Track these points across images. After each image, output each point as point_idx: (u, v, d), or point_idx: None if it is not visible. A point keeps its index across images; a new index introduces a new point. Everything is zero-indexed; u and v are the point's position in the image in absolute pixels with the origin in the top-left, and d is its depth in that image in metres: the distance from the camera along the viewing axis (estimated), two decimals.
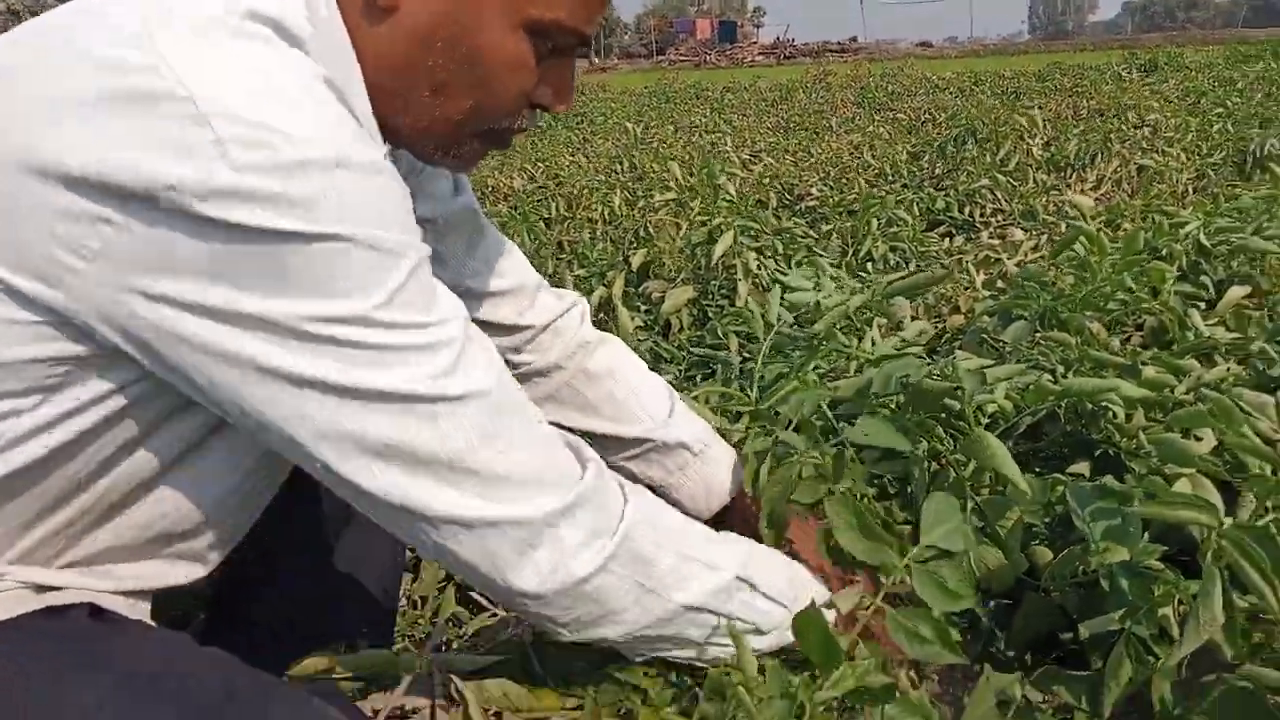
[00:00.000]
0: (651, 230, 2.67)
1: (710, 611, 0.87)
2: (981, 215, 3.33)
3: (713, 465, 1.23)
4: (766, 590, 0.92)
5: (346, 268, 0.67)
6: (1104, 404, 1.29)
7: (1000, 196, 3.30)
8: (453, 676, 0.90)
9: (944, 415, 1.29)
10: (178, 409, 0.76)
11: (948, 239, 3.21)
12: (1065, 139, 4.21)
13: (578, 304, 1.25)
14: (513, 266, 1.17)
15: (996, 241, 2.89)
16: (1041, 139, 4.37)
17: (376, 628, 1.15)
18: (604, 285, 2.29)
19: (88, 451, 0.74)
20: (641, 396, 1.22)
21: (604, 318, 2.27)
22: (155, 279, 0.65)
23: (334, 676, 0.96)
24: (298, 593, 1.13)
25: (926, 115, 6.47)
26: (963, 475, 1.20)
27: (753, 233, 2.15)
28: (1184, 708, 0.96)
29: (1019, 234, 2.84)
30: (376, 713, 0.93)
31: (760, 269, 2.08)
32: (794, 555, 1.07)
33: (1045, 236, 2.76)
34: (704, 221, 2.33)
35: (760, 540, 1.07)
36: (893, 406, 1.28)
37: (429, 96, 0.81)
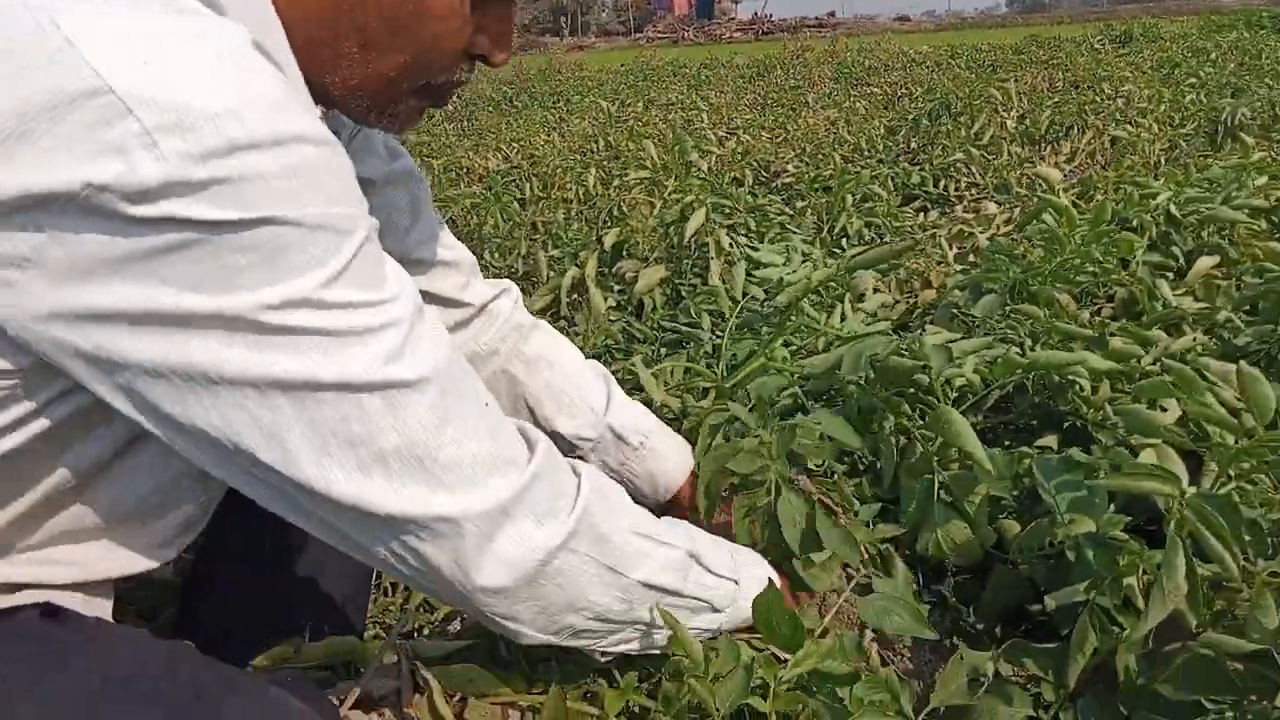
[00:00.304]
0: (625, 209, 2.66)
1: (667, 590, 0.86)
2: (956, 189, 3.33)
3: (657, 458, 1.22)
4: (713, 567, 0.92)
5: (288, 250, 0.63)
6: (1071, 377, 1.30)
7: (974, 171, 3.30)
8: (419, 663, 0.89)
9: (912, 391, 1.29)
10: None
11: (923, 213, 3.21)
12: (1039, 112, 4.21)
13: (510, 289, 1.23)
14: (453, 240, 1.15)
15: (970, 216, 2.89)
16: (1016, 112, 4.37)
17: (348, 615, 1.14)
18: (577, 266, 2.27)
19: (38, 452, 0.71)
20: (581, 387, 1.21)
21: (577, 298, 2.26)
22: (87, 288, 0.61)
23: (301, 665, 0.96)
24: (268, 581, 1.12)
25: (903, 90, 6.46)
26: (930, 451, 1.20)
27: (726, 210, 2.14)
28: (1148, 677, 0.97)
29: (993, 208, 2.84)
30: (343, 700, 0.93)
31: (733, 247, 2.07)
32: (727, 533, 1.07)
33: (1019, 210, 2.76)
34: (678, 199, 2.32)
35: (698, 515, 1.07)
36: (860, 384, 1.28)
37: (358, 53, 0.77)
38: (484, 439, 0.74)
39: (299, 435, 0.67)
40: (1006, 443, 1.44)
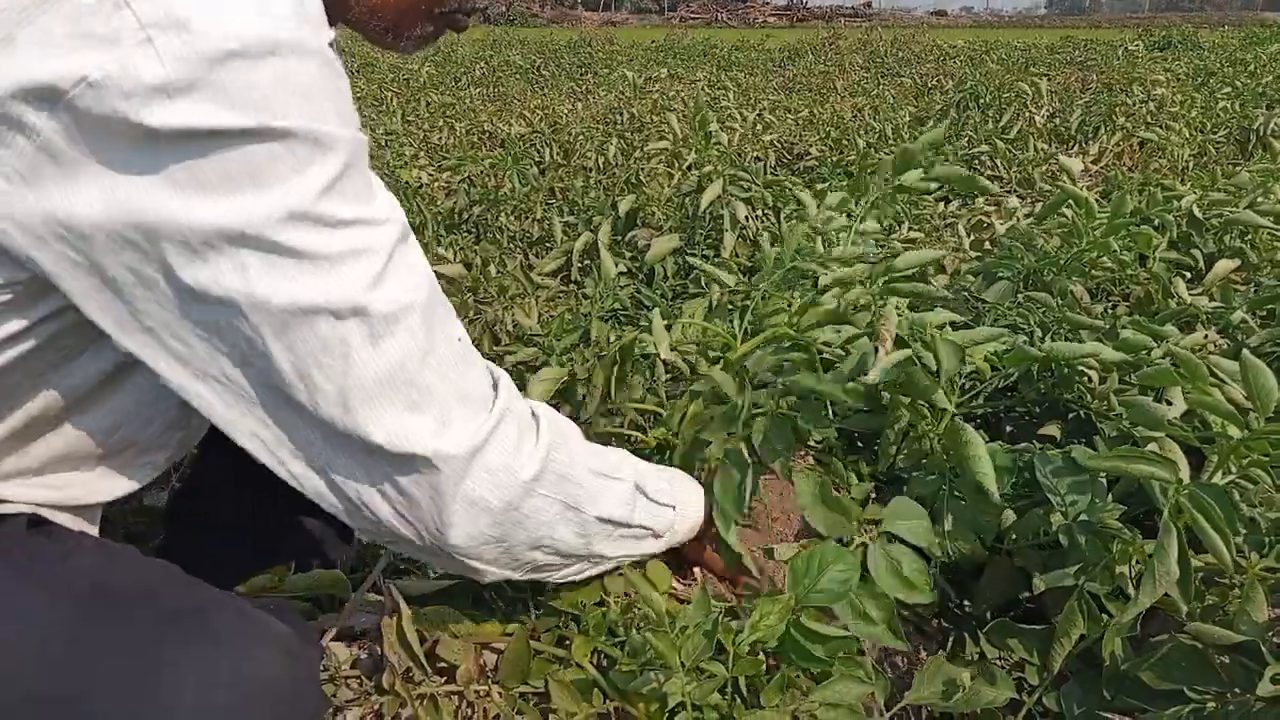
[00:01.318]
0: (643, 178, 2.64)
1: (618, 523, 0.88)
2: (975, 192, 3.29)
3: None
4: (655, 495, 0.93)
5: (275, 160, 0.63)
6: (1081, 367, 1.28)
7: (999, 164, 3.26)
8: (400, 600, 0.89)
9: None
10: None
11: (943, 203, 3.18)
12: (1069, 111, 4.16)
13: None
14: None
15: (992, 209, 2.86)
16: (1046, 110, 4.32)
17: (332, 551, 1.15)
18: (590, 231, 2.26)
19: (23, 370, 0.71)
20: None
21: (588, 263, 2.25)
22: (76, 187, 0.61)
23: (286, 595, 0.96)
24: (255, 511, 1.12)
25: (934, 82, 6.39)
26: (941, 460, 1.18)
27: (743, 184, 2.12)
28: (1132, 664, 0.97)
29: (1014, 201, 2.81)
30: (325, 632, 0.93)
31: (748, 220, 2.05)
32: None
33: (1041, 205, 2.73)
34: (696, 170, 2.30)
35: None
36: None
37: None
38: (459, 374, 0.74)
39: (280, 357, 0.67)
40: (1009, 429, 1.43)
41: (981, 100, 4.09)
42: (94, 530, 0.84)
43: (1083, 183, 3.18)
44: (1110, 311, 1.66)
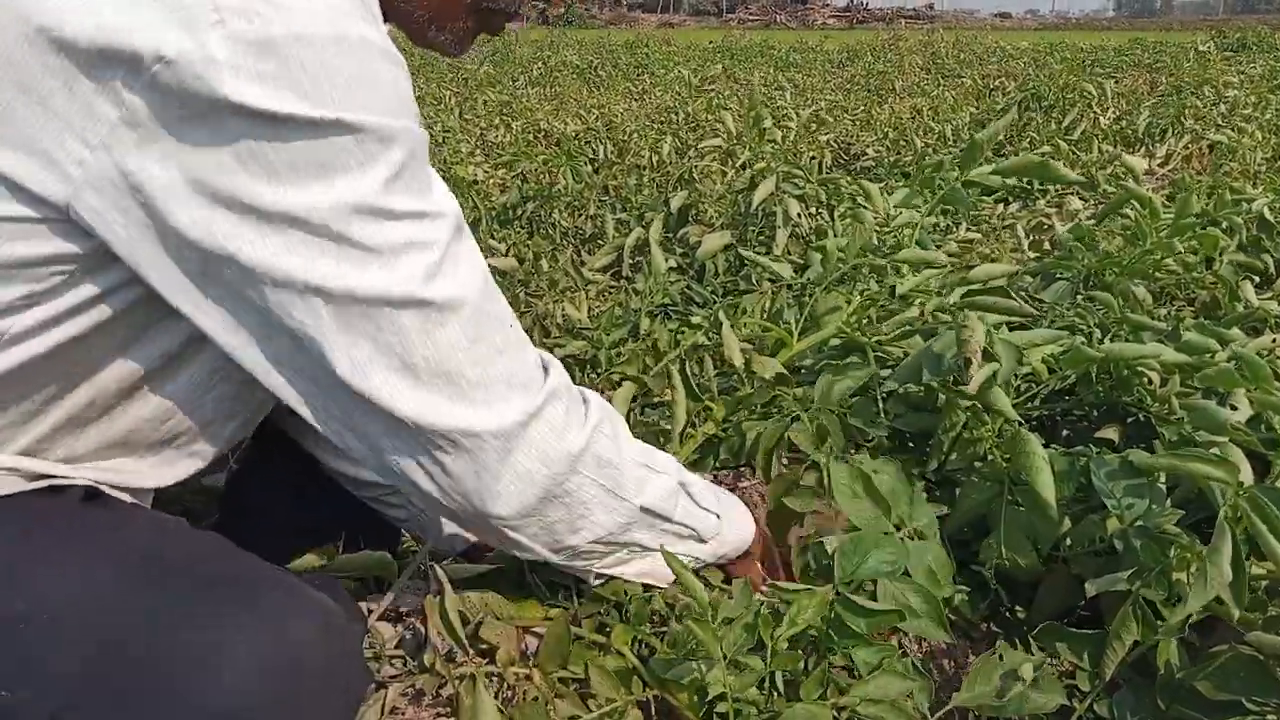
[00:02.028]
0: (696, 175, 2.64)
1: (660, 515, 0.88)
2: (1040, 183, 3.23)
3: None
4: (699, 499, 0.93)
5: (342, 152, 0.65)
6: (1141, 369, 1.25)
7: (1062, 165, 3.20)
8: (445, 582, 0.90)
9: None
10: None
11: (1003, 204, 3.12)
12: (1136, 113, 4.06)
13: None
14: None
15: (1053, 210, 2.80)
16: (1112, 112, 4.21)
17: (384, 532, 1.16)
18: (642, 227, 2.27)
19: (82, 351, 0.73)
20: None
21: (639, 260, 2.25)
22: (155, 161, 0.63)
23: (334, 573, 0.97)
24: (308, 495, 1.14)
25: (995, 83, 6.28)
26: (1001, 465, 1.16)
27: (796, 180, 2.11)
28: (1188, 673, 0.94)
29: (1076, 203, 2.75)
30: (372, 611, 0.95)
31: (800, 217, 2.04)
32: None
33: (1104, 208, 2.67)
34: (748, 167, 2.29)
35: None
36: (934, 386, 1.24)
37: None
38: (508, 359, 0.76)
39: (335, 340, 0.69)
40: (1066, 432, 1.40)
41: (1045, 101, 4.00)
42: (148, 504, 0.86)
43: (1148, 185, 3.10)
44: (1175, 315, 1.61)
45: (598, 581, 0.93)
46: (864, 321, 1.26)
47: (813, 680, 0.80)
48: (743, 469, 1.24)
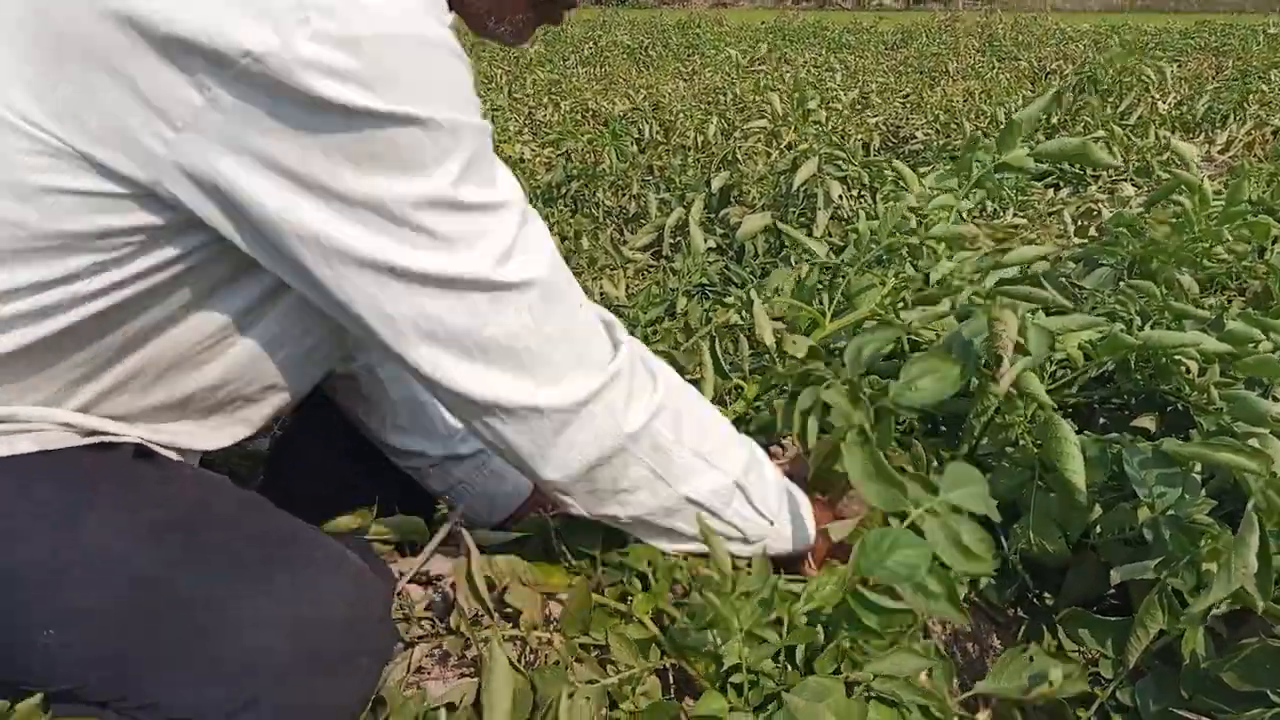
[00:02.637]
0: (740, 156, 2.63)
1: (707, 509, 0.89)
2: (1093, 169, 3.16)
3: (495, 480, 1.19)
4: (757, 502, 0.93)
5: (418, 146, 0.68)
6: (1179, 358, 1.23)
7: (1116, 150, 3.12)
8: (473, 547, 0.93)
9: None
10: (240, 274, 0.78)
11: (1054, 190, 3.06)
12: (1198, 98, 3.94)
13: None
14: None
15: (1104, 197, 2.74)
16: (1173, 96, 4.10)
17: (419, 498, 1.19)
18: (683, 207, 2.27)
19: (149, 312, 0.77)
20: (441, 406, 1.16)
21: (679, 240, 2.26)
22: (241, 146, 0.66)
23: (367, 538, 1.01)
24: (347, 461, 1.18)
25: (1052, 66, 6.14)
26: (1032, 450, 1.15)
27: (839, 162, 2.10)
28: (1213, 663, 0.93)
29: (1129, 190, 2.69)
30: (403, 574, 0.98)
31: (842, 199, 2.03)
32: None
33: (1153, 194, 2.61)
34: (792, 148, 2.28)
35: None
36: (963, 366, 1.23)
37: None
38: (575, 339, 0.80)
39: (408, 319, 0.73)
40: (1102, 419, 1.38)
41: (1101, 85, 3.91)
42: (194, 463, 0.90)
43: (1207, 171, 3.02)
44: (1223, 304, 1.58)
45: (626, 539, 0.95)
46: (898, 305, 1.25)
47: (827, 655, 0.81)
48: (772, 447, 1.24)
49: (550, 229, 2.37)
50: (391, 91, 0.66)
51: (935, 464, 1.26)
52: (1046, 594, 1.20)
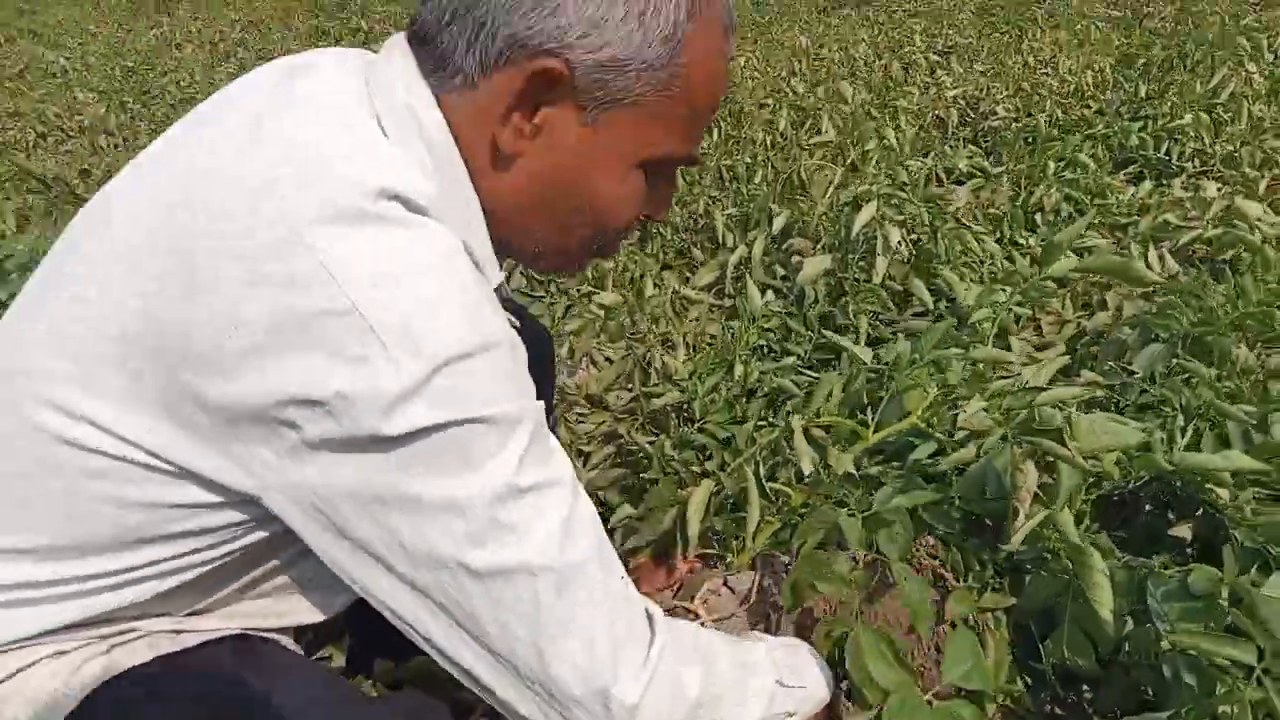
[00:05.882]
0: (804, 176, 2.64)
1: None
2: (1180, 156, 3.04)
3: None
4: (790, 682, 1.00)
5: (486, 443, 0.72)
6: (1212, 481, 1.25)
7: (1202, 136, 3.00)
8: None
9: (1049, 459, 1.28)
10: None
11: (1136, 183, 2.97)
12: None
13: None
14: None
15: (1187, 195, 2.66)
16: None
17: None
18: (745, 245, 2.32)
19: (237, 563, 0.86)
20: None
21: (743, 271, 2.31)
22: (326, 471, 0.72)
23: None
24: None
25: (1148, 8, 5.80)
26: (1065, 560, 1.19)
27: (896, 202, 2.11)
28: None
29: (1211, 190, 2.60)
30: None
31: (900, 245, 2.05)
32: None
33: (1246, 191, 2.51)
34: (854, 170, 2.28)
35: None
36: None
37: (548, 230, 0.88)
38: (626, 611, 0.83)
39: (480, 606, 0.76)
40: (1141, 519, 1.40)
41: (1190, 58, 3.70)
42: (290, 640, 1.02)
43: None
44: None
45: None
46: (936, 418, 1.31)
47: None
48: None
49: (615, 265, 2.45)
50: (462, 403, 0.70)
51: (976, 568, 1.32)
52: (1082, 700, 1.26)
